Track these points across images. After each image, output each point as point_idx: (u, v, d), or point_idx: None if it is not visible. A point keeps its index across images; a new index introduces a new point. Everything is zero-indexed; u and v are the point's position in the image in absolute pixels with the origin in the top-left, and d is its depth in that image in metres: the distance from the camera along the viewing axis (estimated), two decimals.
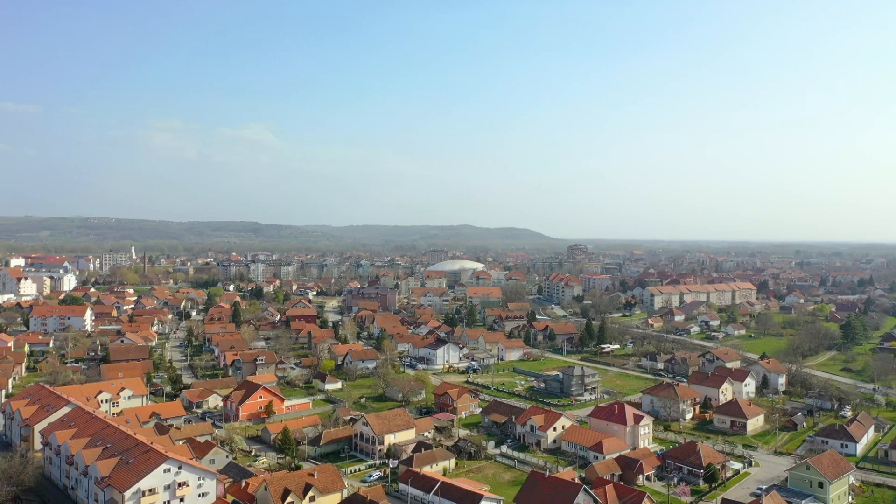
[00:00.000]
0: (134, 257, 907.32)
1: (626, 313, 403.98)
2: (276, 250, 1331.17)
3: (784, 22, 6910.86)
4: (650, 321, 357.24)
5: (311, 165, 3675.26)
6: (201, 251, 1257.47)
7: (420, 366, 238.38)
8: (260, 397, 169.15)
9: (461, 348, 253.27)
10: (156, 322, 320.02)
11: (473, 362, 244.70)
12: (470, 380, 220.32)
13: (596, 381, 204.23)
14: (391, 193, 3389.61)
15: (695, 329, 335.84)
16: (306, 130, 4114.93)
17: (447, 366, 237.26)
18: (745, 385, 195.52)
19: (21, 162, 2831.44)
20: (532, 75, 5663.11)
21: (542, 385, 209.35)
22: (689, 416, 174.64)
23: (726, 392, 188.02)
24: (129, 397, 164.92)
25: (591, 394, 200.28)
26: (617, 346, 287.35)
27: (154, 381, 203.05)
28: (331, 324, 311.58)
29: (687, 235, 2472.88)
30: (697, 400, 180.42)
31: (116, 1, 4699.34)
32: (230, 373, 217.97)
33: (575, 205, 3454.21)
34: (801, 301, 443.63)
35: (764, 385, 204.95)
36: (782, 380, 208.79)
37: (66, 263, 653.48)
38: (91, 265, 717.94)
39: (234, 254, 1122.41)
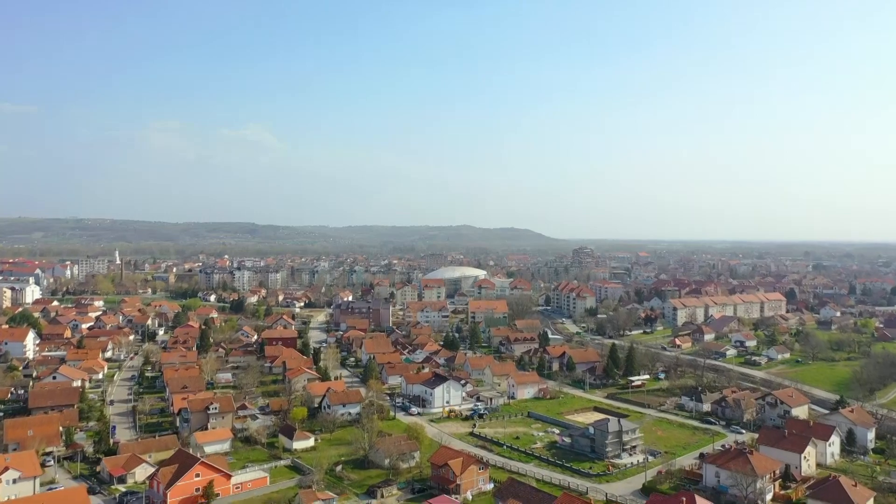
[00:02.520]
0: (118, 262, 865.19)
1: (647, 329, 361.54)
2: (272, 252, 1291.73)
3: (788, 20, 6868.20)
4: (677, 341, 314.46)
5: (310, 166, 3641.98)
6: (192, 254, 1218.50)
7: (414, 409, 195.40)
8: (197, 475, 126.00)
9: (464, 384, 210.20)
10: (110, 346, 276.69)
11: (479, 403, 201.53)
12: (475, 430, 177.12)
13: (636, 437, 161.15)
14: (390, 194, 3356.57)
15: (731, 352, 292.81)
16: (306, 131, 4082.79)
17: (447, 409, 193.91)
18: (829, 444, 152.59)
19: (17, 162, 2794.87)
20: (532, 75, 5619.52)
21: (568, 441, 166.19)
22: (768, 495, 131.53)
23: (809, 457, 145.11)
24: (14, 481, 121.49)
25: (630, 454, 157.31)
26: (647, 377, 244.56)
27: (77, 438, 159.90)
28: (312, 349, 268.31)
29: (687, 235, 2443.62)
30: (777, 472, 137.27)
31: (115, 1, 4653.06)
32: (178, 423, 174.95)
33: (575, 205, 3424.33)
34: (838, 314, 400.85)
35: (849, 441, 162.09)
36: (871, 434, 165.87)
37: (37, 271, 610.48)
38: (68, 272, 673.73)
39: (224, 258, 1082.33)
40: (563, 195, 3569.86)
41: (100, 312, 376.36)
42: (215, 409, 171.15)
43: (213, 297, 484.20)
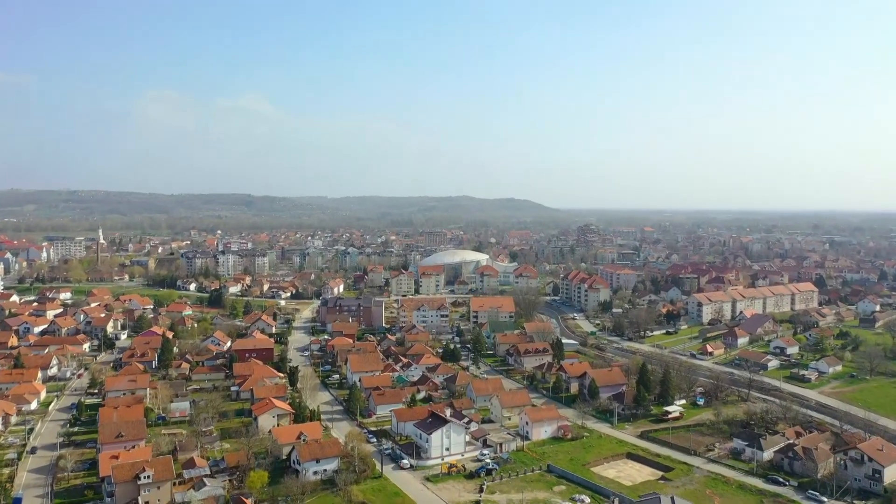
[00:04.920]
0: (101, 241, 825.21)
1: (671, 329, 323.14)
2: (266, 227, 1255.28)
3: None
4: (709, 348, 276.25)
5: (308, 135, 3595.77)
6: (184, 229, 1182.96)
7: (406, 461, 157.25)
8: None
9: (467, 423, 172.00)
10: (54, 362, 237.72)
11: (486, 451, 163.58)
12: (482, 499, 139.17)
13: None
14: (389, 164, 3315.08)
15: (772, 363, 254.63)
16: (304, 100, 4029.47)
17: (446, 465, 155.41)
18: None
19: (10, 133, 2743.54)
20: (533, 42, 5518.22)
21: None
22: None
23: None
24: None
25: None
26: (684, 402, 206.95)
27: None
28: (289, 368, 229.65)
29: (688, 204, 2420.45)
30: None
31: None
32: (104, 492, 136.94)
33: (574, 175, 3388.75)
34: (878, 308, 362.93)
35: None
36: None
37: (7, 255, 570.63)
38: (44, 254, 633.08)
39: (216, 234, 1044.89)
40: (562, 165, 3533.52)
41: (59, 311, 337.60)
42: (148, 477, 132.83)
43: (193, 286, 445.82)
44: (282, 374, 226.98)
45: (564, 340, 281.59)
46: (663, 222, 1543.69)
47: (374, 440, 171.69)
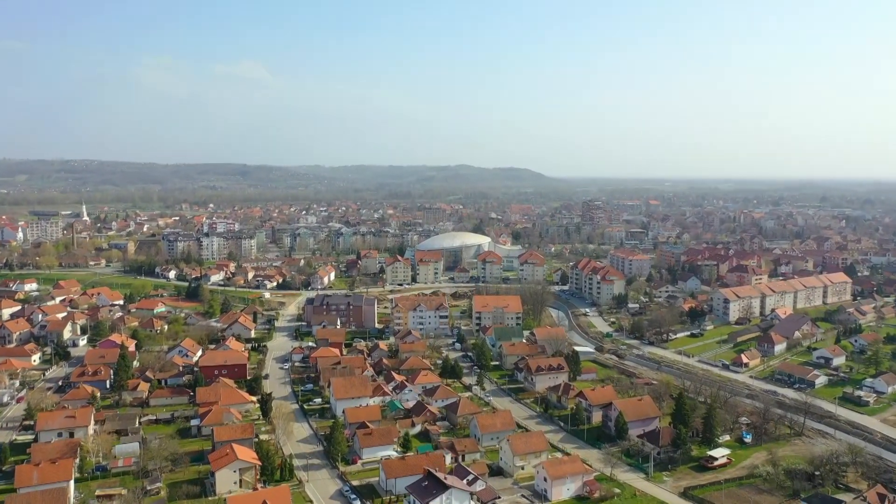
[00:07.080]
0: (85, 218, 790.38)
1: (695, 331, 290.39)
2: (260, 199, 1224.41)
3: None
4: (745, 358, 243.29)
5: (306, 103, 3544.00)
6: (176, 202, 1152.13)
7: None
8: None
9: (472, 481, 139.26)
10: None
11: None
12: None
13: None
14: (387, 133, 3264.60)
15: (820, 379, 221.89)
16: (302, 66, 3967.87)
17: None
18: None
19: (3, 101, 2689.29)
20: (530, 10, 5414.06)
21: None
22: None
23: None
24: None
25: None
26: (727, 440, 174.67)
27: None
28: (262, 395, 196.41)
29: (687, 172, 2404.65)
30: None
31: None
32: None
33: (574, 143, 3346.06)
34: None
35: None
36: None
37: None
38: (19, 234, 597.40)
39: (207, 209, 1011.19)
40: (562, 133, 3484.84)
41: (17, 308, 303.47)
42: None
43: (172, 273, 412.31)
44: (254, 399, 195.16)
45: (579, 348, 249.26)
46: (666, 193, 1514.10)
47: (358, 503, 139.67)
